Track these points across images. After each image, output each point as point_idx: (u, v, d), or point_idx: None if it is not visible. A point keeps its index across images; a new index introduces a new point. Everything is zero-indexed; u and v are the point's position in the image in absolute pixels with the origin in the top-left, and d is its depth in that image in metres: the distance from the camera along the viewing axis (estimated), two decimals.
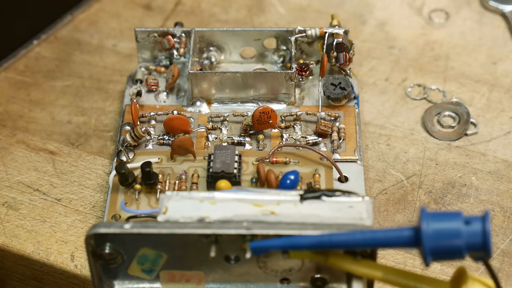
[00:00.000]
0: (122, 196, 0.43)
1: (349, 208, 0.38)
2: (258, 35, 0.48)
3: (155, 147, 0.45)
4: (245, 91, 0.47)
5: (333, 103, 0.47)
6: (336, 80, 0.47)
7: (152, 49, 0.49)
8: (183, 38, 0.48)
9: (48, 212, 0.45)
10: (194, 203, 0.38)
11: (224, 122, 0.46)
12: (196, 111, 0.47)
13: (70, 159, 0.47)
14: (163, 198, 0.38)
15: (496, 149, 0.47)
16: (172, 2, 0.56)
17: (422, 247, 0.34)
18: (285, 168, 0.43)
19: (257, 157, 0.44)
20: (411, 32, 0.53)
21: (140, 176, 0.43)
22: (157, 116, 0.46)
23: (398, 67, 0.51)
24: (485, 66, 0.51)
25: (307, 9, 0.55)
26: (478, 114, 0.49)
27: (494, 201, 0.44)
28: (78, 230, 0.44)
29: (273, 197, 0.38)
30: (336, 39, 0.47)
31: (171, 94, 0.48)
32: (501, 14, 0.54)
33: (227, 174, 0.42)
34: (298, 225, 0.37)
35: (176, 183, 0.43)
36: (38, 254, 0.43)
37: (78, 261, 0.43)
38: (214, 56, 0.49)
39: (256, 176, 0.43)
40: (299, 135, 0.46)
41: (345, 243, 0.36)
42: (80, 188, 0.46)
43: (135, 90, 0.47)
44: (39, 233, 0.44)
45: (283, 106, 0.47)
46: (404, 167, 0.46)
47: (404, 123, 0.48)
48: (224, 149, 0.43)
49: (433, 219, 0.34)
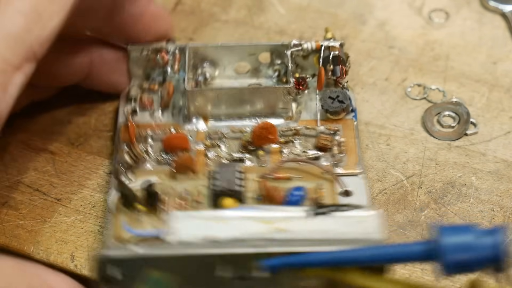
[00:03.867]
0: (124, 217, 0.42)
1: (359, 223, 0.38)
2: (253, 50, 0.48)
3: (154, 167, 0.44)
4: (242, 107, 0.46)
5: (332, 117, 0.47)
6: (334, 93, 0.47)
7: (145, 66, 0.48)
8: (177, 54, 0.48)
9: (48, 212, 0.45)
10: (203, 223, 0.37)
11: (222, 139, 0.46)
12: (193, 128, 0.46)
13: (70, 159, 0.47)
14: (171, 218, 0.38)
15: (496, 149, 0.47)
16: (172, 2, 0.56)
17: (440, 261, 0.34)
18: (288, 184, 0.43)
19: (260, 174, 0.43)
20: (411, 32, 0.53)
21: (142, 197, 0.42)
22: (154, 135, 0.46)
23: (398, 67, 0.51)
24: (485, 66, 0.51)
25: (307, 9, 0.55)
26: (478, 114, 0.49)
27: (494, 201, 0.44)
28: (78, 230, 0.44)
29: (282, 214, 0.38)
30: (333, 52, 0.47)
31: (166, 111, 0.47)
32: (501, 14, 0.54)
33: (230, 191, 0.42)
34: (309, 241, 0.37)
35: (179, 202, 0.42)
36: (38, 254, 0.43)
37: (78, 261, 0.43)
38: (208, 72, 0.48)
39: (260, 193, 0.43)
40: (299, 149, 0.45)
41: (361, 259, 0.36)
42: (80, 188, 0.46)
43: (130, 109, 0.47)
44: (39, 233, 0.44)
45: (281, 121, 0.47)
46: (404, 167, 0.46)
47: (404, 123, 0.48)
48: (227, 166, 0.43)
49: (449, 233, 0.34)
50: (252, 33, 0.54)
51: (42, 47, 0.39)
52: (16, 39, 0.38)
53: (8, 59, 0.37)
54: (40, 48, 0.39)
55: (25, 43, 0.38)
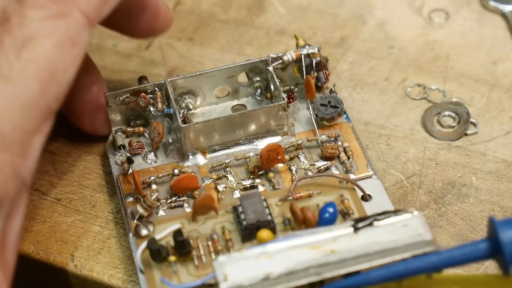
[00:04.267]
0: (158, 272, 0.40)
1: (404, 227, 0.37)
2: (232, 72, 0.47)
3: (167, 212, 0.43)
4: (237, 132, 0.45)
5: (327, 123, 0.46)
6: (325, 99, 0.46)
7: (125, 111, 0.47)
8: (157, 92, 0.46)
9: (48, 212, 0.45)
10: (251, 262, 0.36)
11: (227, 169, 0.45)
12: (194, 164, 0.45)
13: (70, 159, 0.47)
14: (218, 265, 0.36)
15: (496, 149, 0.47)
16: (172, 2, 0.56)
17: (502, 256, 0.34)
18: (310, 201, 0.42)
19: (279, 197, 0.42)
20: (411, 32, 0.53)
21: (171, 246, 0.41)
22: (157, 179, 0.44)
23: (398, 67, 0.51)
24: (485, 66, 0.51)
25: (307, 9, 0.55)
26: (478, 114, 0.49)
27: (494, 201, 0.44)
28: (78, 230, 0.44)
29: (327, 235, 0.37)
30: (314, 58, 0.47)
31: (158, 152, 0.46)
32: (501, 14, 0.54)
33: (263, 222, 0.41)
34: (365, 257, 0.36)
35: (209, 244, 0.41)
36: (38, 254, 0.43)
37: (78, 261, 0.43)
38: (190, 103, 0.47)
39: (286, 217, 0.42)
40: (307, 163, 0.45)
41: (423, 268, 0.35)
42: (80, 188, 0.46)
43: (122, 158, 0.45)
44: (39, 233, 0.44)
45: (279, 138, 0.46)
46: (404, 167, 0.46)
47: (404, 123, 0.48)
48: (250, 198, 0.41)
49: (508, 227, 0.34)
50: (252, 33, 0.54)
51: (58, 101, 0.38)
52: (33, 105, 0.37)
53: (26, 127, 0.36)
54: (56, 103, 0.38)
55: (42, 106, 0.37)
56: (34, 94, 0.37)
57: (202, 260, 0.41)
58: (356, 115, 0.49)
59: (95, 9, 0.38)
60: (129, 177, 0.44)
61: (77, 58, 0.38)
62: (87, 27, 0.38)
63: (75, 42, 0.38)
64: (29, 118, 0.36)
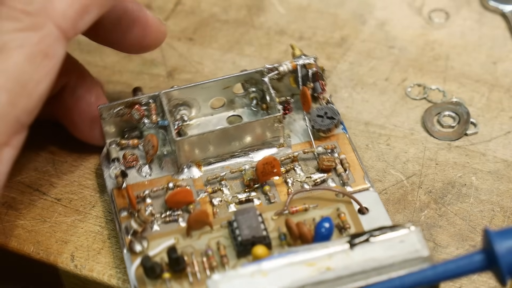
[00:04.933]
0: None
1: (401, 243, 0.37)
2: (227, 83, 0.47)
3: (162, 227, 0.43)
4: (233, 145, 0.45)
5: (323, 135, 0.46)
6: (321, 110, 0.46)
7: (119, 123, 0.46)
8: (151, 104, 0.46)
9: (48, 212, 0.45)
10: (246, 281, 0.36)
11: (222, 182, 0.44)
12: (189, 177, 0.45)
13: (70, 159, 0.47)
14: (212, 284, 0.36)
15: (496, 149, 0.47)
16: (172, 2, 0.56)
17: (498, 268, 0.34)
18: (306, 216, 0.42)
19: (275, 211, 0.42)
20: (411, 32, 0.53)
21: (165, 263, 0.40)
22: (151, 193, 0.44)
23: (398, 67, 0.51)
24: (485, 66, 0.51)
25: (307, 9, 0.55)
26: (478, 114, 0.49)
27: (494, 201, 0.44)
28: (78, 230, 0.44)
29: (322, 252, 0.37)
30: (310, 69, 0.46)
31: (153, 164, 0.45)
32: (501, 14, 0.54)
33: (258, 238, 0.40)
34: (360, 274, 0.36)
35: (204, 260, 0.41)
36: (38, 254, 0.43)
37: (78, 261, 0.43)
38: (185, 114, 0.47)
39: (282, 232, 0.41)
40: (303, 176, 0.44)
41: (419, 283, 0.35)
42: (80, 188, 0.46)
43: (117, 172, 0.44)
44: (39, 233, 0.44)
45: (274, 150, 0.45)
46: (404, 167, 0.46)
47: (404, 123, 0.48)
48: (245, 213, 0.41)
49: (503, 238, 0.34)
50: (252, 33, 0.54)
51: (30, 116, 0.37)
52: (0, 117, 0.36)
53: None
54: (28, 117, 0.37)
55: (10, 119, 0.36)
56: (2, 106, 0.36)
57: (197, 276, 0.40)
58: (356, 115, 0.49)
59: (71, 23, 0.38)
60: (123, 191, 0.44)
61: (50, 71, 0.37)
62: (62, 40, 0.38)
63: (49, 55, 0.37)
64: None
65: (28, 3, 0.37)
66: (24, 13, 0.37)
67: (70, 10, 0.38)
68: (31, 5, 0.37)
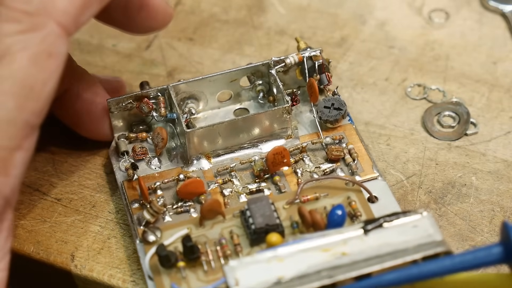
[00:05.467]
0: (167, 278, 0.40)
1: (414, 228, 0.37)
2: (234, 75, 0.47)
3: (174, 218, 0.43)
4: (241, 136, 0.45)
5: (330, 125, 0.46)
6: (328, 102, 0.46)
7: (127, 117, 0.46)
8: (160, 97, 0.46)
9: (48, 212, 0.45)
10: (262, 266, 0.36)
11: (232, 173, 0.45)
12: (199, 169, 0.45)
13: (70, 159, 0.47)
14: (229, 270, 0.36)
15: (496, 149, 0.47)
16: (172, 2, 0.56)
17: None
18: (317, 204, 0.42)
19: (287, 200, 0.42)
20: (411, 32, 0.53)
21: (179, 252, 0.41)
22: (162, 185, 0.44)
23: (398, 67, 0.51)
24: (485, 66, 0.51)
25: (307, 9, 0.55)
26: (478, 114, 0.49)
27: (494, 201, 0.44)
28: (78, 230, 0.44)
29: (337, 238, 0.37)
30: (316, 61, 0.47)
31: (162, 157, 0.46)
32: (501, 14, 0.54)
33: (272, 226, 0.40)
34: (375, 259, 0.36)
35: (218, 249, 0.41)
36: (38, 254, 0.43)
37: (78, 261, 0.43)
38: (193, 108, 0.47)
39: (294, 220, 0.42)
40: (312, 166, 0.45)
41: (436, 272, 0.35)
42: (80, 188, 0.46)
43: (127, 164, 0.45)
44: (39, 233, 0.44)
45: (283, 141, 0.46)
46: (404, 167, 0.46)
47: (404, 123, 0.48)
48: (258, 201, 0.41)
49: None
50: (252, 33, 0.54)
51: (39, 117, 0.37)
52: (10, 123, 0.36)
53: (5, 145, 0.36)
54: (37, 119, 0.37)
55: (20, 122, 0.36)
56: (11, 111, 0.36)
57: (211, 265, 0.40)
58: (356, 115, 0.49)
59: (72, 19, 0.37)
60: (134, 183, 0.44)
61: (55, 70, 0.37)
62: (64, 37, 0.37)
63: (52, 54, 0.37)
64: (7, 135, 0.36)
65: (27, 2, 0.36)
66: (24, 14, 0.36)
67: (71, 7, 0.37)
68: (30, 4, 0.36)
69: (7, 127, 0.36)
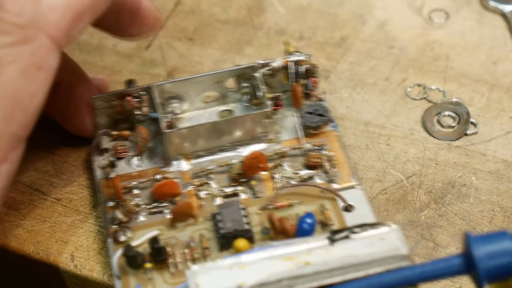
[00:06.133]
0: (134, 279, 0.40)
1: (381, 240, 0.37)
2: (219, 77, 0.47)
3: (147, 218, 0.43)
4: (221, 139, 0.45)
5: (313, 132, 0.46)
6: (311, 107, 0.46)
7: (111, 114, 0.46)
8: (143, 96, 0.46)
9: (48, 212, 0.45)
10: (224, 272, 0.36)
11: (210, 176, 0.45)
12: (177, 170, 0.45)
13: (70, 159, 0.47)
14: (191, 274, 0.36)
15: (496, 149, 0.47)
16: (172, 2, 0.56)
17: (476, 272, 0.34)
18: (290, 211, 0.42)
19: (260, 206, 0.42)
20: (411, 32, 0.53)
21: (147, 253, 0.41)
22: (139, 184, 0.44)
23: (398, 67, 0.51)
24: (485, 66, 0.51)
25: (307, 9, 0.55)
26: (478, 114, 0.49)
27: (494, 201, 0.45)
28: (78, 230, 0.44)
29: (302, 247, 0.37)
30: (303, 66, 0.46)
31: (142, 156, 0.46)
32: (501, 14, 0.54)
33: (240, 231, 0.41)
34: (339, 270, 0.36)
35: (187, 252, 0.41)
36: (38, 254, 0.43)
37: (78, 261, 0.43)
38: (177, 108, 0.47)
39: (265, 226, 0.41)
40: (290, 172, 0.45)
41: (397, 282, 0.35)
42: (80, 188, 0.46)
43: (105, 162, 0.45)
44: (39, 233, 0.44)
45: (263, 146, 0.46)
46: (404, 167, 0.46)
47: (404, 123, 0.48)
48: (229, 206, 0.41)
49: (481, 243, 0.34)
50: (252, 33, 0.54)
51: (26, 129, 0.37)
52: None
53: None
54: (24, 131, 0.37)
55: (7, 135, 0.36)
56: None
57: (178, 267, 0.40)
58: (356, 115, 0.49)
59: (64, 32, 0.37)
60: (110, 181, 0.44)
61: (45, 83, 0.37)
62: (55, 51, 0.37)
63: (42, 67, 0.37)
64: None
65: (19, 15, 0.36)
66: (15, 26, 0.36)
67: (62, 20, 0.37)
68: (21, 17, 0.36)
69: None
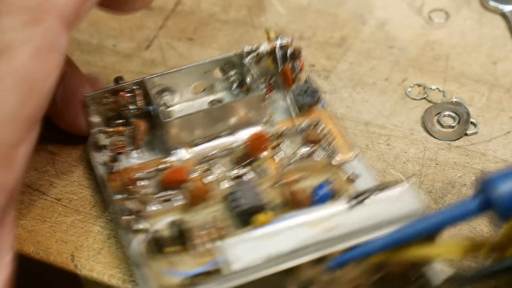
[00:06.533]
0: (159, 264, 0.40)
1: (397, 200, 0.38)
2: (207, 67, 0.47)
3: (157, 207, 0.43)
4: (218, 125, 0.46)
5: (305, 111, 0.47)
6: (301, 88, 0.47)
7: (104, 111, 0.46)
8: (137, 90, 0.46)
9: (48, 212, 0.45)
10: (253, 244, 0.37)
11: (212, 161, 0.45)
12: (178, 159, 0.45)
13: (70, 159, 0.47)
14: (225, 247, 0.37)
15: (496, 149, 0.47)
16: (172, 2, 0.56)
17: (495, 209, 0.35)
18: (300, 185, 0.43)
19: (269, 183, 0.43)
20: (411, 32, 0.53)
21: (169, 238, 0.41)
22: (143, 176, 0.44)
23: (398, 67, 0.51)
24: (485, 66, 0.51)
25: (307, 9, 0.55)
26: (478, 114, 0.49)
27: None
28: (78, 230, 0.44)
29: (324, 213, 0.38)
30: (288, 49, 0.47)
31: (141, 150, 0.46)
32: (501, 14, 0.54)
33: (258, 207, 0.41)
34: (362, 231, 0.37)
35: (206, 233, 0.41)
36: (38, 254, 0.43)
37: (78, 261, 0.43)
38: (168, 100, 0.47)
39: (277, 202, 0.42)
40: (290, 151, 0.45)
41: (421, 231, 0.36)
42: (80, 188, 0.46)
43: (106, 158, 0.45)
44: (39, 233, 0.44)
45: (260, 129, 0.46)
46: (404, 167, 0.46)
47: (404, 123, 0.48)
48: (244, 184, 0.42)
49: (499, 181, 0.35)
50: (252, 33, 0.54)
51: (41, 111, 0.37)
52: (13, 119, 0.35)
53: (7, 140, 0.35)
54: (39, 113, 0.37)
55: (23, 118, 0.36)
56: (13, 108, 0.35)
57: (200, 248, 0.41)
58: (356, 115, 0.49)
59: (73, 12, 0.37)
60: (114, 175, 0.44)
61: (57, 65, 0.37)
62: (65, 31, 0.37)
63: (53, 48, 0.37)
64: (11, 131, 0.36)
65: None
66: (23, 8, 0.36)
67: (71, 1, 0.37)
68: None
69: (10, 123, 0.36)
